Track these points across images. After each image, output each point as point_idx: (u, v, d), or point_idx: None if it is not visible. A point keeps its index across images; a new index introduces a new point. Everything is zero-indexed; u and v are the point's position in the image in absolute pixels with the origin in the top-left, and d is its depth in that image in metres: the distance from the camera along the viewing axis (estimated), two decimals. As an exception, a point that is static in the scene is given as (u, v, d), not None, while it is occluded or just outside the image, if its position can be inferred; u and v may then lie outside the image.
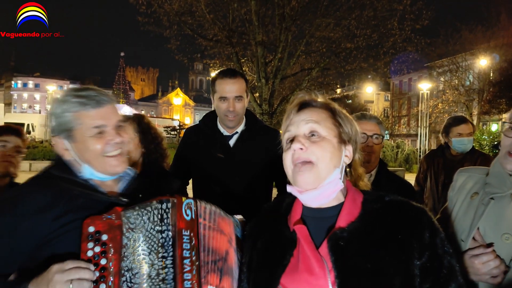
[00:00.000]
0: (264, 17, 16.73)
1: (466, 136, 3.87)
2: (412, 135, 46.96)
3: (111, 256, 1.29)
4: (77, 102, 1.49)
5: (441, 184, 3.95)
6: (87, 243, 1.31)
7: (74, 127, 1.49)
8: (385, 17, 16.82)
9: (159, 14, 16.13)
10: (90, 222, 1.33)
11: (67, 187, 1.47)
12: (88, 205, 1.45)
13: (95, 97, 1.51)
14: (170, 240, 1.29)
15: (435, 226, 1.25)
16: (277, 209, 1.44)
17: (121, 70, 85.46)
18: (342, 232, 1.24)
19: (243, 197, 2.67)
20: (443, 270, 1.21)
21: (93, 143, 1.49)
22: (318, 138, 1.30)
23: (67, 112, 1.49)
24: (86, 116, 1.49)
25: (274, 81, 17.04)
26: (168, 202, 1.33)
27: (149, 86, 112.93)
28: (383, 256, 1.19)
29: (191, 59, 18.57)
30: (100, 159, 1.50)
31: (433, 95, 36.92)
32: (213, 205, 1.47)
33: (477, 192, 1.77)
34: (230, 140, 2.79)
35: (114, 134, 1.53)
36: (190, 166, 2.86)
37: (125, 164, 1.59)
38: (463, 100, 34.73)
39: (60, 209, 1.41)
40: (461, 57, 34.43)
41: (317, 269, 1.20)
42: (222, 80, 2.68)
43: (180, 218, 1.32)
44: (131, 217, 1.32)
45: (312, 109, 1.36)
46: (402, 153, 26.68)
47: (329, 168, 1.29)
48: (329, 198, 1.31)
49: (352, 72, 19.04)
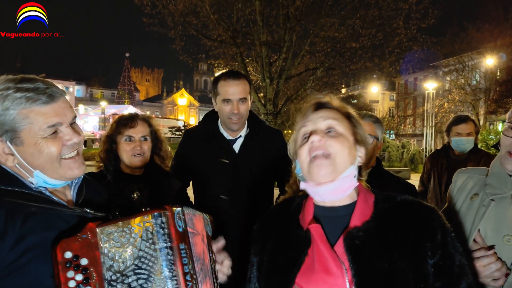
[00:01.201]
0: (268, 17, 16.73)
1: (465, 135, 3.83)
2: (418, 135, 46.76)
3: (94, 281, 1.15)
4: (23, 97, 1.23)
5: (444, 184, 3.92)
6: (66, 272, 1.13)
7: (20, 127, 1.24)
8: (390, 16, 16.79)
9: (163, 14, 16.21)
10: (66, 247, 1.15)
11: (18, 204, 1.22)
12: (49, 223, 1.24)
13: (46, 90, 1.26)
14: (170, 257, 1.15)
15: (446, 225, 1.25)
16: (287, 209, 1.44)
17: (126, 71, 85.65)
18: (358, 231, 1.24)
19: (248, 202, 2.65)
20: (455, 268, 1.21)
21: (48, 146, 1.26)
22: (335, 134, 1.31)
23: (11, 110, 1.22)
24: (38, 113, 1.24)
25: (278, 81, 17.03)
26: (161, 216, 1.18)
27: (154, 87, 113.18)
28: (398, 256, 1.19)
29: (196, 59, 18.61)
30: (55, 164, 1.28)
31: (439, 95, 36.71)
32: (188, 207, 1.35)
33: (477, 193, 1.74)
34: (234, 144, 2.72)
35: (71, 133, 1.30)
36: (190, 169, 2.80)
37: (84, 165, 1.38)
38: (469, 100, 34.47)
39: (16, 233, 1.17)
40: (467, 56, 34.13)
41: (334, 268, 1.19)
42: (226, 82, 2.59)
43: (175, 232, 1.18)
44: (113, 234, 1.17)
45: (329, 109, 1.38)
46: (407, 153, 26.58)
47: (345, 163, 1.29)
48: (345, 193, 1.31)
49: (357, 72, 18.99)
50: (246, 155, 2.69)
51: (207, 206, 2.72)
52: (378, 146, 2.46)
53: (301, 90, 18.32)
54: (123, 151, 2.39)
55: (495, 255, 1.52)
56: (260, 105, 17.09)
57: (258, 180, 2.70)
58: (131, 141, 2.39)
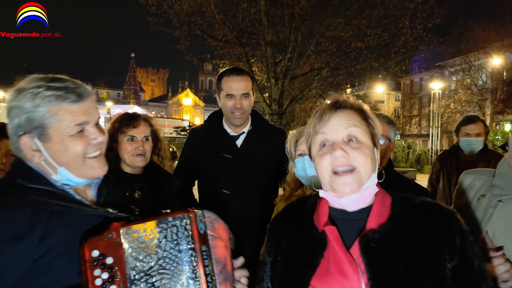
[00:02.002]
0: (273, 17, 16.72)
1: (474, 136, 3.80)
2: (424, 135, 46.52)
3: (119, 280, 1.17)
4: (54, 95, 1.27)
5: (453, 185, 3.86)
6: (94, 270, 1.16)
7: (49, 124, 1.27)
8: (396, 16, 16.73)
9: (169, 14, 16.26)
10: (93, 245, 1.19)
11: (44, 202, 1.24)
12: (73, 222, 1.27)
13: (76, 89, 1.30)
14: (193, 259, 1.19)
15: (464, 229, 1.23)
16: (301, 208, 1.42)
17: (131, 71, 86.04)
18: (374, 234, 1.22)
19: (251, 197, 2.68)
20: (474, 273, 1.19)
21: (74, 144, 1.30)
22: (357, 144, 1.27)
23: (42, 107, 1.26)
24: (67, 111, 1.28)
25: (283, 81, 17.02)
26: (186, 218, 1.21)
27: (159, 87, 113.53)
28: (415, 259, 1.18)
29: (201, 59, 18.62)
30: (79, 162, 1.32)
31: (445, 95, 36.51)
32: (209, 211, 1.38)
33: (484, 194, 1.73)
34: (237, 140, 2.78)
35: (97, 133, 1.34)
36: (195, 167, 2.85)
37: (106, 165, 1.41)
38: (476, 100, 34.23)
39: (42, 230, 1.19)
40: (474, 56, 33.90)
41: (350, 271, 1.18)
42: (229, 77, 2.68)
43: (198, 234, 1.22)
44: (138, 234, 1.20)
45: (347, 111, 1.32)
46: (413, 153, 26.46)
47: (369, 173, 1.27)
48: (366, 202, 1.29)
49: (363, 72, 18.94)
50: (249, 150, 2.74)
51: (210, 201, 2.76)
52: (390, 147, 2.42)
53: (306, 90, 18.30)
54: (125, 150, 2.39)
55: (504, 257, 1.51)
56: (265, 105, 17.09)
57: (261, 176, 2.72)
58: (133, 141, 2.39)
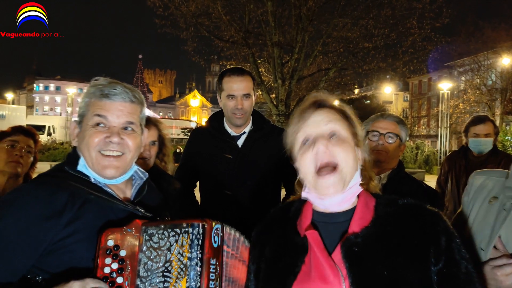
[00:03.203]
0: (280, 18, 16.74)
1: (483, 137, 3.73)
2: (432, 136, 46.20)
3: (127, 274, 1.21)
4: (92, 92, 1.45)
5: (462, 186, 3.81)
6: (105, 258, 1.21)
7: (84, 113, 1.45)
8: (404, 16, 16.66)
9: (176, 16, 16.35)
10: (110, 235, 1.24)
11: (81, 189, 1.36)
12: (101, 213, 1.35)
13: (113, 90, 1.44)
14: (199, 269, 1.18)
15: (450, 230, 1.20)
16: (285, 214, 1.39)
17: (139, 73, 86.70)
18: (356, 238, 1.19)
19: (252, 198, 2.65)
20: (460, 276, 1.15)
21: (90, 133, 1.41)
22: (339, 140, 1.25)
23: (86, 98, 1.46)
24: (94, 104, 1.43)
25: (290, 82, 17.00)
26: (199, 227, 1.21)
27: (166, 88, 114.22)
28: (399, 263, 1.14)
29: (208, 60, 18.71)
30: (92, 154, 1.40)
31: (454, 95, 36.24)
32: (237, 231, 1.38)
33: (496, 196, 1.65)
34: (238, 140, 2.77)
35: (114, 133, 1.42)
36: (197, 168, 2.84)
37: (122, 170, 1.46)
38: (485, 100, 33.90)
39: (72, 214, 1.30)
40: (483, 55, 33.59)
41: (331, 276, 1.14)
42: (230, 78, 2.67)
43: (209, 246, 1.21)
44: (154, 234, 1.23)
45: (327, 109, 1.31)
46: (421, 154, 26.27)
47: (352, 172, 1.25)
48: (350, 202, 1.27)
49: (370, 72, 18.87)
50: (250, 150, 2.72)
51: (212, 202, 2.73)
52: (401, 148, 2.36)
53: (314, 91, 18.22)
54: None
55: None
56: (272, 106, 17.08)
57: (262, 176, 2.70)
58: None
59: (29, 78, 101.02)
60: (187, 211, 2.71)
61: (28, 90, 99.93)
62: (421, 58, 17.42)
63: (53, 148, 23.39)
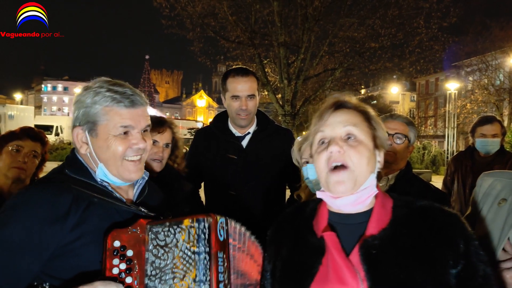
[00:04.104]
0: (286, 18, 16.71)
1: (490, 137, 3.71)
2: (439, 136, 45.87)
3: (136, 273, 1.23)
4: (110, 97, 1.39)
5: (468, 187, 3.80)
6: (113, 259, 1.23)
7: (100, 121, 1.39)
8: (410, 16, 16.58)
9: (182, 16, 16.40)
10: (116, 236, 1.25)
11: (85, 193, 1.36)
12: (106, 215, 1.36)
13: (131, 96, 1.42)
14: (207, 263, 1.19)
15: (468, 232, 1.19)
16: (300, 213, 1.40)
17: (146, 73, 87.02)
18: (374, 240, 1.19)
19: (256, 198, 2.65)
20: (478, 279, 1.15)
21: (116, 144, 1.39)
22: (355, 142, 1.25)
23: (98, 104, 1.39)
24: (117, 113, 1.39)
25: (296, 82, 16.98)
26: (205, 222, 1.22)
27: (173, 89, 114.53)
28: (417, 266, 1.14)
29: (214, 61, 18.76)
30: (118, 162, 1.41)
31: (461, 95, 35.91)
32: (243, 226, 1.39)
33: (505, 198, 1.64)
34: (242, 140, 2.77)
35: (139, 139, 1.43)
36: (201, 168, 2.84)
37: (142, 171, 1.49)
38: (493, 100, 33.58)
39: (78, 217, 1.30)
40: (491, 55, 33.25)
41: (350, 279, 1.15)
42: (234, 78, 2.66)
43: (216, 240, 1.22)
44: (160, 232, 1.24)
45: (348, 110, 1.31)
46: (428, 154, 26.09)
47: (365, 174, 1.25)
48: (365, 204, 1.27)
49: (377, 72, 18.79)
50: (254, 151, 2.72)
51: (216, 202, 2.74)
52: (410, 149, 2.35)
53: (320, 91, 18.21)
54: None
55: None
56: (278, 106, 17.06)
57: (266, 176, 2.70)
58: (155, 145, 2.39)
59: (37, 78, 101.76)
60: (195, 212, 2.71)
61: (36, 91, 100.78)
62: (428, 58, 17.31)
63: (61, 148, 23.50)
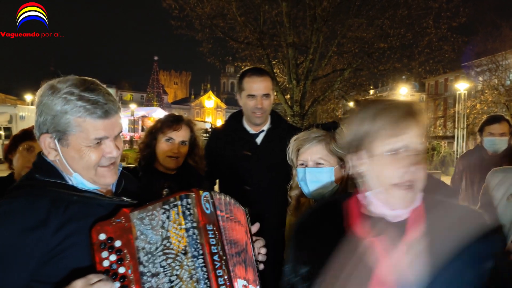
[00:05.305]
0: (295, 19, 16.70)
1: (498, 136, 3.73)
2: (449, 137, 45.42)
3: (128, 263, 1.22)
4: (83, 107, 1.29)
5: (476, 185, 3.81)
6: (101, 253, 1.22)
7: (71, 132, 1.31)
8: (420, 16, 16.47)
9: (191, 17, 16.45)
10: (100, 229, 1.24)
11: (61, 193, 1.31)
12: (88, 211, 1.32)
13: (104, 106, 1.32)
14: (197, 237, 1.18)
15: (501, 231, 1.24)
16: (330, 214, 1.40)
17: (154, 74, 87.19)
18: (415, 240, 1.21)
19: (270, 194, 2.70)
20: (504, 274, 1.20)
21: (89, 154, 1.33)
22: (420, 158, 1.21)
23: (69, 115, 1.30)
24: (90, 124, 1.31)
25: (305, 82, 16.95)
26: (187, 198, 1.22)
27: (182, 89, 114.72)
28: (457, 266, 1.17)
29: (223, 61, 18.77)
30: (91, 171, 1.36)
31: (471, 96, 35.56)
32: (226, 195, 1.41)
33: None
34: (257, 138, 2.86)
35: (112, 147, 1.37)
36: (216, 166, 2.90)
37: (117, 174, 1.45)
38: (503, 100, 33.18)
39: (58, 220, 1.26)
40: (501, 55, 32.88)
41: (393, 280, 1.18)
42: (250, 78, 2.76)
43: (202, 213, 1.22)
44: (144, 218, 1.24)
45: (416, 121, 1.23)
46: (437, 155, 25.90)
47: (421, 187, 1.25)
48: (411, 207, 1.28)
49: (386, 73, 18.68)
50: (268, 147, 2.80)
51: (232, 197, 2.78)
52: None
53: (328, 92, 18.19)
54: (161, 150, 2.47)
55: None
56: (287, 106, 17.06)
57: (280, 173, 2.71)
58: (170, 143, 2.46)
59: (47, 79, 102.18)
60: None
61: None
62: (438, 58, 17.19)
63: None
